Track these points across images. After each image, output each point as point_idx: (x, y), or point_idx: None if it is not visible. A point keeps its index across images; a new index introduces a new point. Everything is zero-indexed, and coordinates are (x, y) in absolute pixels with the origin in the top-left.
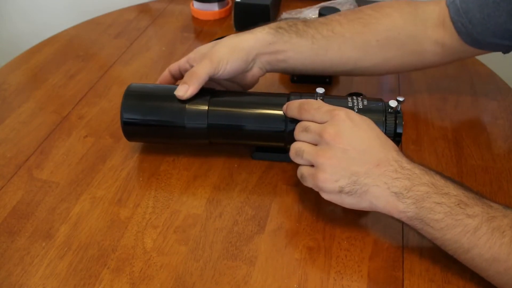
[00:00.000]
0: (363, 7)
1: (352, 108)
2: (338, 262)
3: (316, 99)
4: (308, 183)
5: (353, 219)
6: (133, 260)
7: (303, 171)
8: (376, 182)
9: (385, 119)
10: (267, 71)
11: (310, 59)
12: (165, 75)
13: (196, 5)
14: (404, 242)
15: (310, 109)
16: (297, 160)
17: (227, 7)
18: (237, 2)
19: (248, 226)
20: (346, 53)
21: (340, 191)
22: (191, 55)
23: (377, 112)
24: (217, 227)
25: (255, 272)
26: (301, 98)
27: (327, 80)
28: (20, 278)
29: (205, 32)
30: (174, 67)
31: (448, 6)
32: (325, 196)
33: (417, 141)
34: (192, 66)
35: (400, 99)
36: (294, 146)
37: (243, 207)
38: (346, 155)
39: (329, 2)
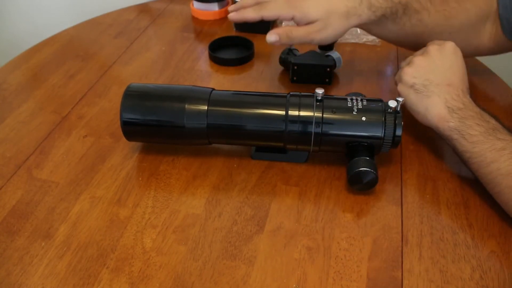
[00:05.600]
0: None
1: (351, 108)
2: (337, 262)
3: (316, 99)
4: (396, 76)
5: (352, 219)
6: (132, 260)
7: (401, 69)
8: (439, 94)
9: (385, 119)
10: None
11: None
12: None
13: (196, 5)
14: (403, 242)
15: None
16: (402, 63)
17: (227, 7)
18: (237, 2)
19: (247, 226)
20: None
21: (412, 85)
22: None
23: (377, 112)
24: (216, 227)
25: (254, 272)
26: (300, 98)
27: (327, 80)
28: (20, 278)
29: (205, 32)
30: None
31: (498, 1)
32: (400, 86)
33: (417, 141)
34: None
35: (400, 99)
36: (407, 59)
37: (243, 207)
38: (432, 66)
39: None
